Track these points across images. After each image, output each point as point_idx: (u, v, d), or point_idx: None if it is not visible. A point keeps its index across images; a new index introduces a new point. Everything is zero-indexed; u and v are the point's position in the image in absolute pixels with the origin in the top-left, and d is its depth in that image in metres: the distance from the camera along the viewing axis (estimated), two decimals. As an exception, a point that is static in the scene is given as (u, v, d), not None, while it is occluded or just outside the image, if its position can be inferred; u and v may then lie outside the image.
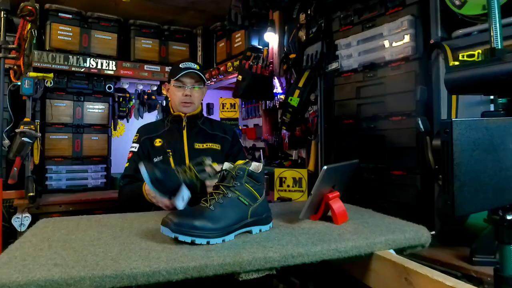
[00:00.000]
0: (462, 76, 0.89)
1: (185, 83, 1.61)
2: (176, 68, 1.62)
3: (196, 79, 1.63)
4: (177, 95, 1.62)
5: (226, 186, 0.97)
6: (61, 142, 2.97)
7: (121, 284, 0.70)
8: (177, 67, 1.62)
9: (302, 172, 2.29)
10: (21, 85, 2.48)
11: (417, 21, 1.59)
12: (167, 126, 1.67)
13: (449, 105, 1.40)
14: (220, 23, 3.33)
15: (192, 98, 1.63)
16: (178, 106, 1.63)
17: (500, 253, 0.82)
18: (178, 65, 1.62)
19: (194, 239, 0.86)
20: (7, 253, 0.80)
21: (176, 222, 0.86)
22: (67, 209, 2.65)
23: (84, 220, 1.11)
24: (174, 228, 0.86)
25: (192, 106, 1.64)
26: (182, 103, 1.62)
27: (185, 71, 1.57)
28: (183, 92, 1.61)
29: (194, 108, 1.65)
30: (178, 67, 1.61)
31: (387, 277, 0.85)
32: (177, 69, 1.60)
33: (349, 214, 1.09)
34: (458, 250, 1.34)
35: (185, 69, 1.59)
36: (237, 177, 0.97)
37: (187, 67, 1.59)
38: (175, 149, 1.59)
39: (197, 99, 1.66)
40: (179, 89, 1.62)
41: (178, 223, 0.86)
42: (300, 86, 2.23)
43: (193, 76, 1.61)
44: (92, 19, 3.05)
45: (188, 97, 1.61)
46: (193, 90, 1.63)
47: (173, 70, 1.66)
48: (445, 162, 0.69)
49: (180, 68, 1.60)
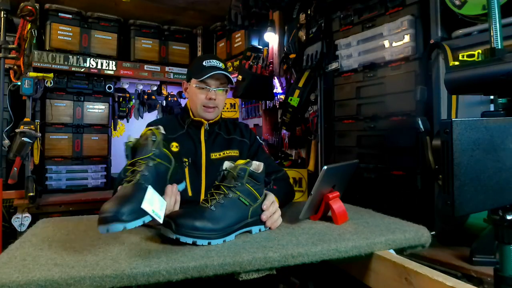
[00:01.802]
0: (462, 76, 0.89)
1: (209, 85, 1.38)
2: (199, 66, 1.38)
3: (222, 81, 1.40)
4: (200, 98, 1.38)
5: (227, 186, 0.96)
6: (61, 142, 2.97)
7: (121, 284, 0.70)
8: (200, 65, 1.38)
9: (302, 172, 2.29)
10: (21, 85, 2.49)
11: (417, 21, 1.59)
12: (184, 129, 1.43)
13: (449, 105, 1.40)
14: (220, 23, 3.34)
15: (217, 101, 1.39)
16: (200, 110, 1.39)
17: (500, 253, 0.82)
18: (201, 63, 1.38)
19: (195, 240, 0.85)
20: (7, 253, 0.80)
21: (177, 223, 0.85)
22: (67, 209, 2.65)
23: (84, 220, 1.11)
24: (175, 230, 0.84)
25: (216, 111, 1.41)
26: (205, 108, 1.39)
27: (211, 72, 1.34)
28: (206, 95, 1.37)
29: (217, 113, 1.43)
30: (201, 65, 1.38)
31: (387, 277, 0.85)
32: (201, 68, 1.37)
33: (349, 214, 1.09)
34: (458, 250, 1.34)
35: (210, 68, 1.35)
36: (238, 177, 0.97)
37: (213, 67, 1.36)
38: (192, 159, 1.37)
39: (221, 102, 1.43)
40: (201, 91, 1.38)
41: (179, 224, 0.85)
42: (300, 86, 2.23)
43: (220, 77, 1.38)
44: (92, 19, 3.05)
45: (212, 101, 1.38)
46: (218, 93, 1.39)
47: (195, 68, 1.41)
48: (445, 162, 0.69)
49: (204, 67, 1.36)
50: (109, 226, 0.75)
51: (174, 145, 1.38)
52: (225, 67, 1.41)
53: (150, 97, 3.68)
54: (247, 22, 2.71)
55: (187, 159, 1.37)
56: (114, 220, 0.76)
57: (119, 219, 0.76)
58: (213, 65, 1.37)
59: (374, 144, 1.77)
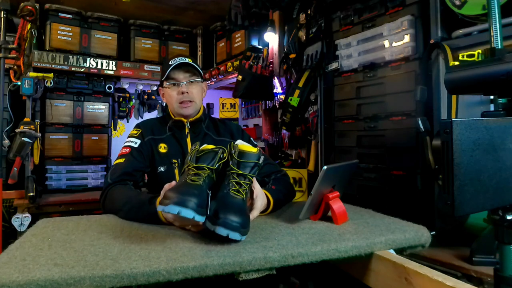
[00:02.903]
0: (462, 76, 0.89)
1: (178, 79, 1.38)
2: (166, 66, 1.39)
3: (191, 73, 1.40)
4: (173, 96, 1.38)
5: (243, 175, 0.97)
6: (61, 142, 2.97)
7: (121, 284, 0.70)
8: (167, 66, 1.38)
9: (302, 172, 2.29)
10: (21, 85, 2.49)
11: (417, 21, 1.59)
12: (169, 131, 1.42)
13: (449, 105, 1.40)
14: (220, 23, 3.34)
15: (190, 95, 1.38)
16: (177, 108, 1.39)
17: (500, 253, 0.82)
18: (168, 63, 1.39)
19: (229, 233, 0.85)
20: (7, 253, 0.80)
21: (220, 217, 0.86)
22: (67, 209, 2.65)
23: (84, 220, 1.11)
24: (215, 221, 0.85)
25: (193, 105, 1.40)
26: (180, 104, 1.38)
27: (174, 65, 1.35)
28: (178, 90, 1.37)
29: (195, 108, 1.41)
30: (167, 65, 1.38)
31: (387, 277, 0.85)
32: (167, 67, 1.37)
33: (349, 214, 1.09)
34: (458, 250, 1.34)
35: (174, 63, 1.36)
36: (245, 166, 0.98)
37: (178, 63, 1.37)
38: (181, 160, 1.36)
39: (197, 96, 1.40)
40: (172, 88, 1.38)
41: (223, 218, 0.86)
42: (300, 86, 2.23)
43: (187, 69, 1.38)
44: (92, 19, 3.05)
45: (186, 95, 1.37)
46: (190, 86, 1.39)
47: (163, 70, 1.43)
48: (445, 162, 0.69)
49: (170, 65, 1.37)
50: (183, 209, 0.83)
51: (163, 146, 1.38)
52: (192, 60, 1.40)
53: (150, 97, 3.68)
54: (247, 22, 2.71)
55: (176, 160, 1.36)
56: (189, 207, 0.83)
57: (193, 209, 0.84)
58: (178, 62, 1.36)
59: (374, 144, 1.77)
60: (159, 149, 1.38)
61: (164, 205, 0.84)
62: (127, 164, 1.29)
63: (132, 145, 1.34)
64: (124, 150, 1.34)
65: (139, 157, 1.32)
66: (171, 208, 0.83)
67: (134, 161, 1.31)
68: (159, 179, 1.34)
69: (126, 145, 1.36)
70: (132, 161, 1.30)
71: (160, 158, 1.36)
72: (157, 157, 1.37)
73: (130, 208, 1.10)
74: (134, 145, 1.34)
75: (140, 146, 1.35)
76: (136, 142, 1.35)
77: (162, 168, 1.36)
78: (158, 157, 1.37)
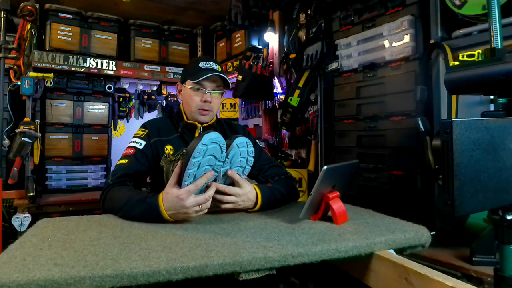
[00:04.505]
0: (462, 76, 0.89)
1: (205, 87, 1.34)
2: (195, 68, 1.34)
3: (218, 83, 1.36)
4: (194, 100, 1.34)
5: None
6: (61, 142, 2.97)
7: (121, 284, 0.70)
8: (196, 67, 1.34)
9: (302, 172, 2.29)
10: (21, 85, 2.49)
11: (417, 21, 1.59)
12: (178, 133, 1.40)
13: (449, 105, 1.40)
14: (220, 23, 3.34)
15: (212, 105, 1.36)
16: (194, 113, 1.36)
17: (500, 253, 0.82)
18: (197, 64, 1.35)
19: None
20: (7, 253, 0.80)
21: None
22: (67, 209, 2.65)
23: (84, 220, 1.11)
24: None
25: (210, 114, 1.38)
26: (200, 110, 1.35)
27: (207, 74, 1.30)
28: (201, 97, 1.34)
29: (212, 116, 1.40)
30: (197, 66, 1.34)
31: (387, 277, 0.85)
32: (197, 69, 1.33)
33: (349, 214, 1.09)
34: (458, 250, 1.34)
35: (206, 70, 1.32)
36: None
37: (209, 68, 1.33)
38: None
39: (217, 106, 1.40)
40: (197, 93, 1.34)
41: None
42: (300, 86, 2.23)
43: (216, 79, 1.35)
44: (92, 19, 3.05)
45: (208, 104, 1.34)
46: (214, 96, 1.36)
47: (191, 69, 1.37)
48: (445, 162, 0.69)
49: (200, 68, 1.33)
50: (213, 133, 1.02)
51: (169, 148, 1.36)
52: (221, 70, 1.38)
53: (150, 97, 3.68)
54: (247, 22, 2.71)
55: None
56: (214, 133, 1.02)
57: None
58: (209, 67, 1.33)
59: (374, 144, 1.77)
60: (165, 151, 1.36)
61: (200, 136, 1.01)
62: (129, 165, 1.27)
63: (137, 146, 1.32)
64: (129, 150, 1.32)
65: (142, 160, 1.30)
66: (208, 135, 1.01)
67: (137, 164, 1.29)
68: (163, 181, 1.33)
69: (130, 145, 1.33)
70: (135, 163, 1.28)
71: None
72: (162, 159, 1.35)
73: (131, 205, 1.10)
74: (139, 146, 1.32)
75: (145, 147, 1.32)
76: (141, 143, 1.33)
77: None
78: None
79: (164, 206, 1.04)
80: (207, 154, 1.02)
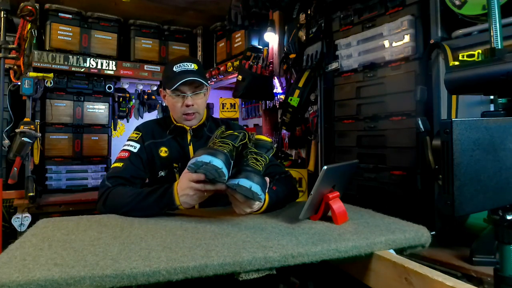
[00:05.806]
0: (462, 76, 0.89)
1: (184, 92, 1.32)
2: (171, 73, 1.31)
3: (197, 84, 1.33)
4: (177, 107, 1.34)
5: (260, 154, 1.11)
6: (61, 142, 2.98)
7: (121, 284, 0.70)
8: (171, 72, 1.31)
9: (302, 172, 2.29)
10: (21, 85, 2.49)
11: (417, 21, 1.59)
12: (170, 135, 1.39)
13: (449, 105, 1.40)
14: (220, 23, 3.34)
15: (196, 107, 1.34)
16: (180, 119, 1.36)
17: (500, 253, 0.82)
18: (172, 68, 1.31)
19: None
20: (7, 253, 0.80)
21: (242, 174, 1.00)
22: (67, 209, 2.65)
23: (84, 220, 1.11)
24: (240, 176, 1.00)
25: (197, 116, 1.37)
26: (184, 116, 1.34)
27: (182, 79, 1.27)
28: (183, 102, 1.32)
29: (199, 118, 1.38)
30: (172, 71, 1.31)
31: (387, 277, 0.85)
32: (172, 75, 1.30)
33: (349, 214, 1.09)
34: (458, 250, 1.34)
35: (181, 74, 1.29)
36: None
37: (183, 71, 1.30)
38: (182, 164, 1.32)
39: (201, 106, 1.37)
40: (177, 99, 1.33)
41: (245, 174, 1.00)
42: (300, 86, 2.23)
43: (193, 82, 1.31)
44: (92, 19, 3.06)
45: (191, 107, 1.33)
46: (196, 98, 1.33)
47: (167, 76, 1.35)
48: (445, 162, 0.69)
49: (175, 73, 1.30)
50: (214, 159, 0.97)
51: (163, 150, 1.36)
52: (198, 67, 1.35)
53: (150, 97, 3.68)
54: (247, 22, 2.71)
55: (177, 165, 1.35)
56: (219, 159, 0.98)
57: (222, 161, 0.98)
58: (183, 70, 1.30)
59: (374, 144, 1.77)
60: (160, 153, 1.36)
61: (197, 156, 0.99)
62: (125, 169, 1.27)
63: (131, 150, 1.31)
64: (123, 154, 1.31)
65: (137, 163, 1.30)
66: (204, 157, 0.97)
67: (132, 167, 1.28)
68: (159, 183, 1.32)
69: (125, 148, 1.33)
70: (130, 167, 1.28)
71: (161, 162, 1.35)
72: (157, 161, 1.35)
73: (144, 196, 1.13)
74: (133, 149, 1.31)
75: (139, 151, 1.32)
76: (135, 146, 1.32)
77: (163, 173, 1.35)
78: (159, 161, 1.35)
79: (178, 187, 1.10)
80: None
